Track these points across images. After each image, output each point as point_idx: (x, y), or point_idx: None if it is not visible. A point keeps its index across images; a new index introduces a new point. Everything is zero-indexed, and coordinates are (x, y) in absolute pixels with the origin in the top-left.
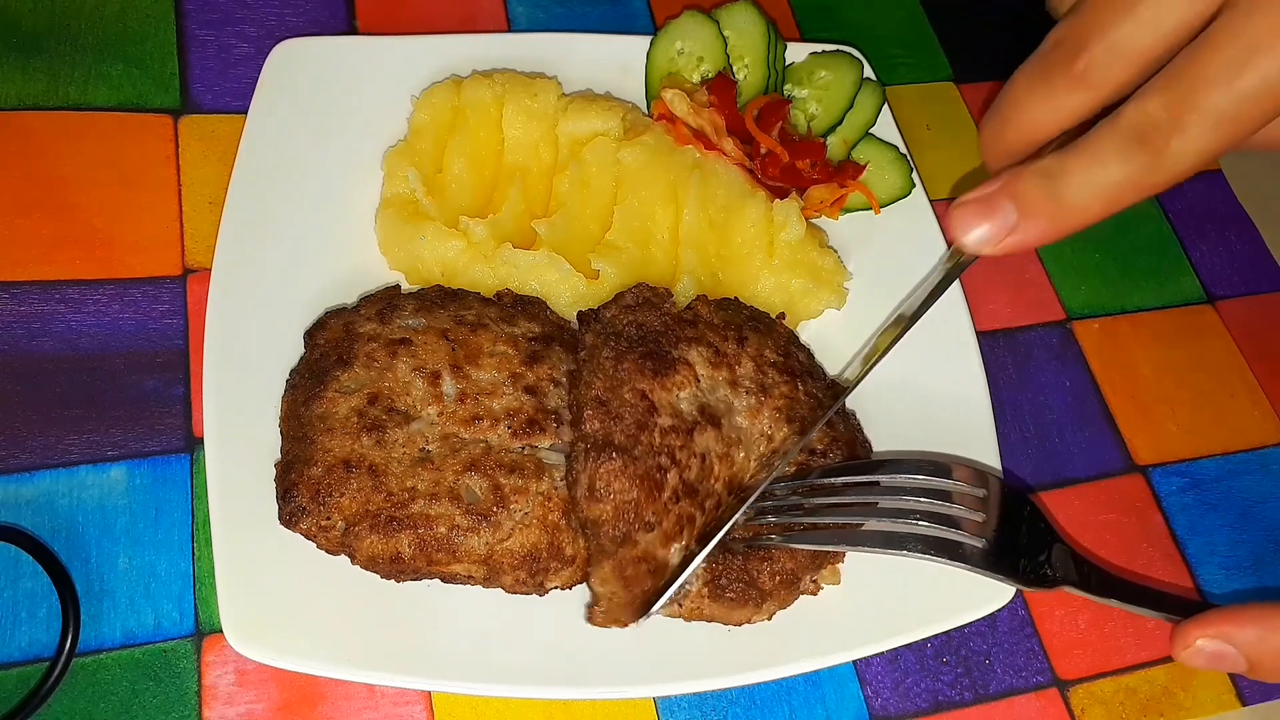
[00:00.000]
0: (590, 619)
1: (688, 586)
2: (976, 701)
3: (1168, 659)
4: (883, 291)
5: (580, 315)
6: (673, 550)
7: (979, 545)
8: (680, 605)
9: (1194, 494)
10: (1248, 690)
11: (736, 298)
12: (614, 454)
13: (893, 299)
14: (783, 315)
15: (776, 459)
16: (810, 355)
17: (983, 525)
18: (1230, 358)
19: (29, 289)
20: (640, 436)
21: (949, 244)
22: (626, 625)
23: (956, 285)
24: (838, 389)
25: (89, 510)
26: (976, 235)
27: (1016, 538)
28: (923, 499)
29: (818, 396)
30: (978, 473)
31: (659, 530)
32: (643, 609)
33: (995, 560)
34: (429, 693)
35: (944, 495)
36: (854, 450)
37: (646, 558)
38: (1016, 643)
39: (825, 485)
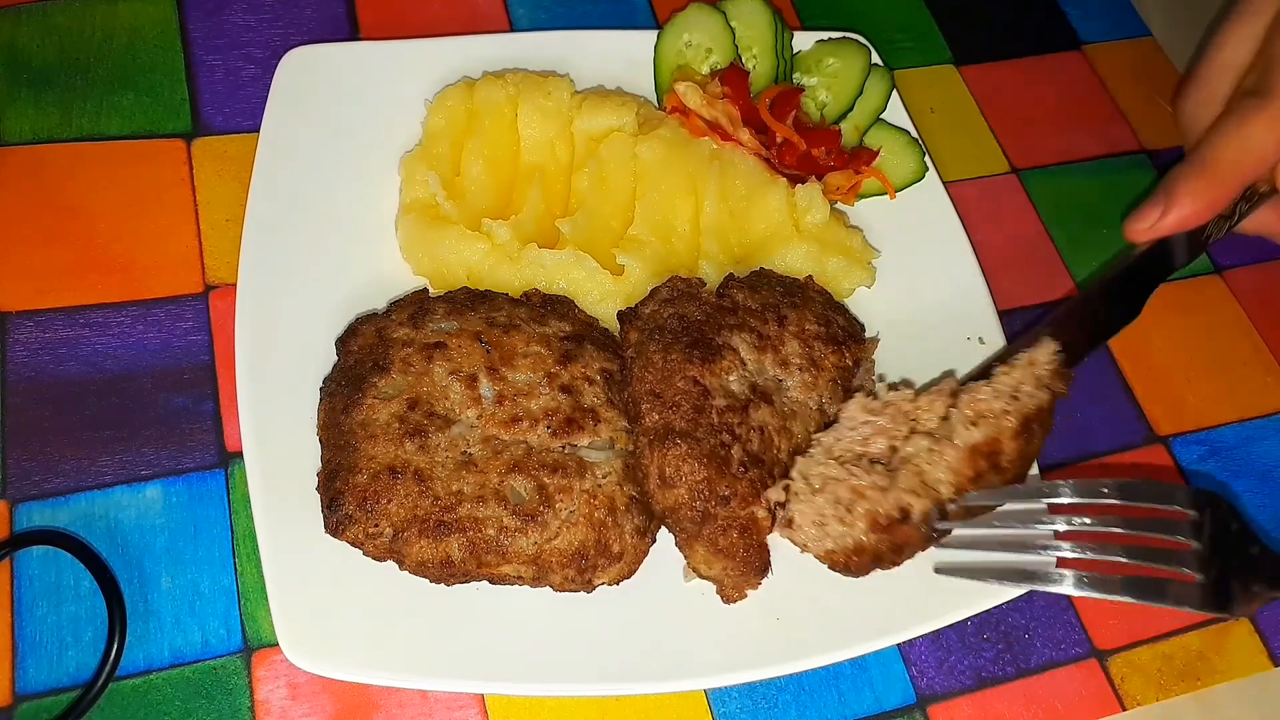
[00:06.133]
0: (725, 600)
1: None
2: (1019, 676)
3: (1201, 625)
4: (903, 274)
5: (620, 315)
6: (754, 509)
7: (1198, 581)
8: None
9: (1215, 461)
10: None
11: (763, 268)
12: (677, 440)
13: (913, 281)
14: (810, 278)
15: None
16: (848, 314)
17: (1199, 556)
18: (1240, 326)
19: (53, 316)
20: (699, 419)
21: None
22: (757, 587)
23: (982, 282)
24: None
25: (127, 531)
26: None
27: (1230, 564)
28: (1130, 531)
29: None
30: (1191, 493)
31: (736, 499)
32: (762, 566)
33: (1214, 597)
34: (483, 695)
35: (1156, 524)
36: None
37: (733, 523)
38: (1054, 615)
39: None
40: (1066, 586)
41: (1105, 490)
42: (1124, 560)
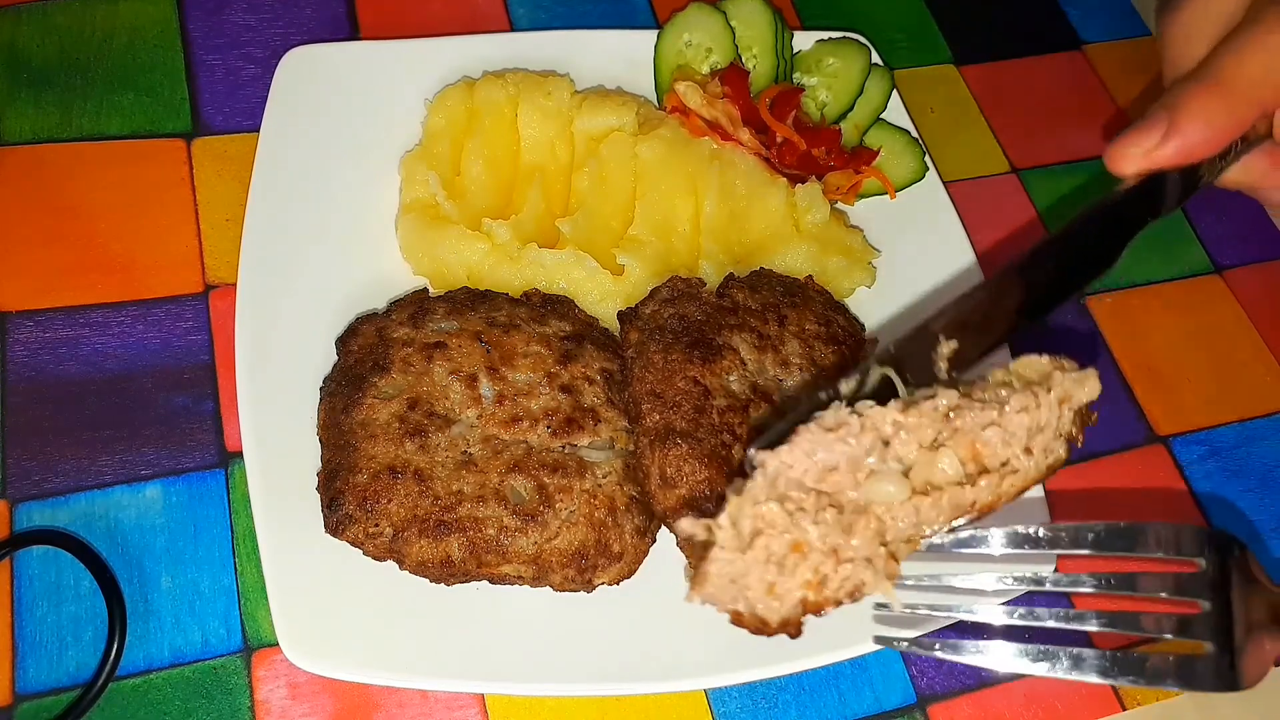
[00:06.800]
0: None
1: None
2: (1019, 676)
3: None
4: (903, 274)
5: (620, 315)
6: None
7: (1209, 652)
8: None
9: (1215, 461)
10: None
11: (763, 268)
12: (678, 440)
13: (913, 281)
14: (810, 278)
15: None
16: (848, 314)
17: (1209, 619)
18: (1240, 326)
19: (53, 315)
20: (700, 419)
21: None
22: None
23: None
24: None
25: (127, 530)
26: None
27: (1235, 618)
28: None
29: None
30: (1200, 536)
31: None
32: None
33: (1225, 670)
34: (483, 695)
35: (1158, 582)
36: None
37: None
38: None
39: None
40: (1044, 668)
41: (1094, 537)
42: (1118, 631)
